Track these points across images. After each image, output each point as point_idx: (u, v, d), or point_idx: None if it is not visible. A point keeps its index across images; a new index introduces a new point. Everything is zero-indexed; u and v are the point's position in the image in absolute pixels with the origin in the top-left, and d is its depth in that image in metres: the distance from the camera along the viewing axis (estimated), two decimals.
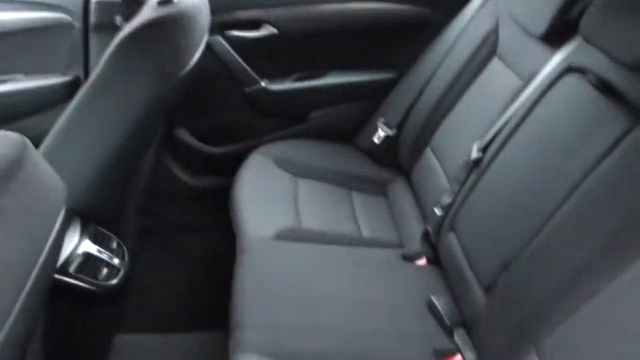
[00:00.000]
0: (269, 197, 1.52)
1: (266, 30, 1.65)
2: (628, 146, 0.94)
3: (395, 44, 1.77)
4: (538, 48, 1.32)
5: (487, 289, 1.13)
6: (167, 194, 1.82)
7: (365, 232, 1.51)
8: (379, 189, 1.73)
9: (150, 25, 1.00)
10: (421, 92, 1.67)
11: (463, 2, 1.67)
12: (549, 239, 1.01)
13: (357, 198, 1.64)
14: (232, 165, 1.66)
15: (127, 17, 1.29)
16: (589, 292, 0.90)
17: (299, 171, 1.65)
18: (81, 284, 0.99)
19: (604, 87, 1.05)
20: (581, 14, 1.15)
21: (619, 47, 0.98)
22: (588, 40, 1.11)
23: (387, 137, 1.73)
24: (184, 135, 1.77)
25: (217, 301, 1.33)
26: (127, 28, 1.03)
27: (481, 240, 1.21)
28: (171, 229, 1.84)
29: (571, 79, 1.14)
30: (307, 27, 1.66)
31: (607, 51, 1.03)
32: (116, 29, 1.34)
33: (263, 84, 1.73)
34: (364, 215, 1.57)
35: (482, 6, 1.58)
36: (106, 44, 1.05)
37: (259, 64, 1.71)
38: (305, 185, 1.61)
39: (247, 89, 1.73)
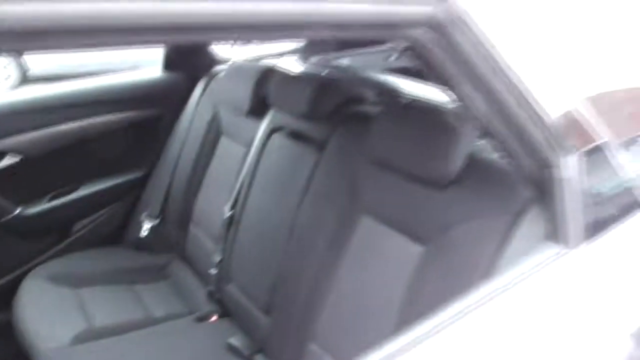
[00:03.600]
0: (53, 313, 1.54)
1: (10, 159, 1.69)
2: (322, 169, 1.33)
3: (138, 145, 1.99)
4: (250, 121, 1.69)
5: (266, 310, 1.39)
6: None
7: (157, 313, 1.64)
8: (159, 274, 1.88)
9: None
10: (171, 180, 1.91)
11: (185, 99, 1.98)
12: (294, 252, 1.32)
13: (141, 288, 1.76)
14: (5, 299, 1.63)
15: None
16: (331, 278, 1.23)
17: (77, 282, 1.69)
18: None
19: (296, 136, 1.45)
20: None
21: (293, 106, 1.38)
22: (276, 107, 1.51)
23: (152, 227, 1.91)
24: None
25: None
26: None
27: (252, 275, 1.48)
28: None
29: (276, 137, 1.55)
30: (51, 148, 1.76)
31: (288, 111, 1.43)
32: None
33: (18, 210, 1.76)
34: (152, 300, 1.70)
35: (200, 100, 1.93)
36: None
37: (9, 192, 1.73)
38: (88, 294, 1.66)
39: (1, 220, 1.73)
